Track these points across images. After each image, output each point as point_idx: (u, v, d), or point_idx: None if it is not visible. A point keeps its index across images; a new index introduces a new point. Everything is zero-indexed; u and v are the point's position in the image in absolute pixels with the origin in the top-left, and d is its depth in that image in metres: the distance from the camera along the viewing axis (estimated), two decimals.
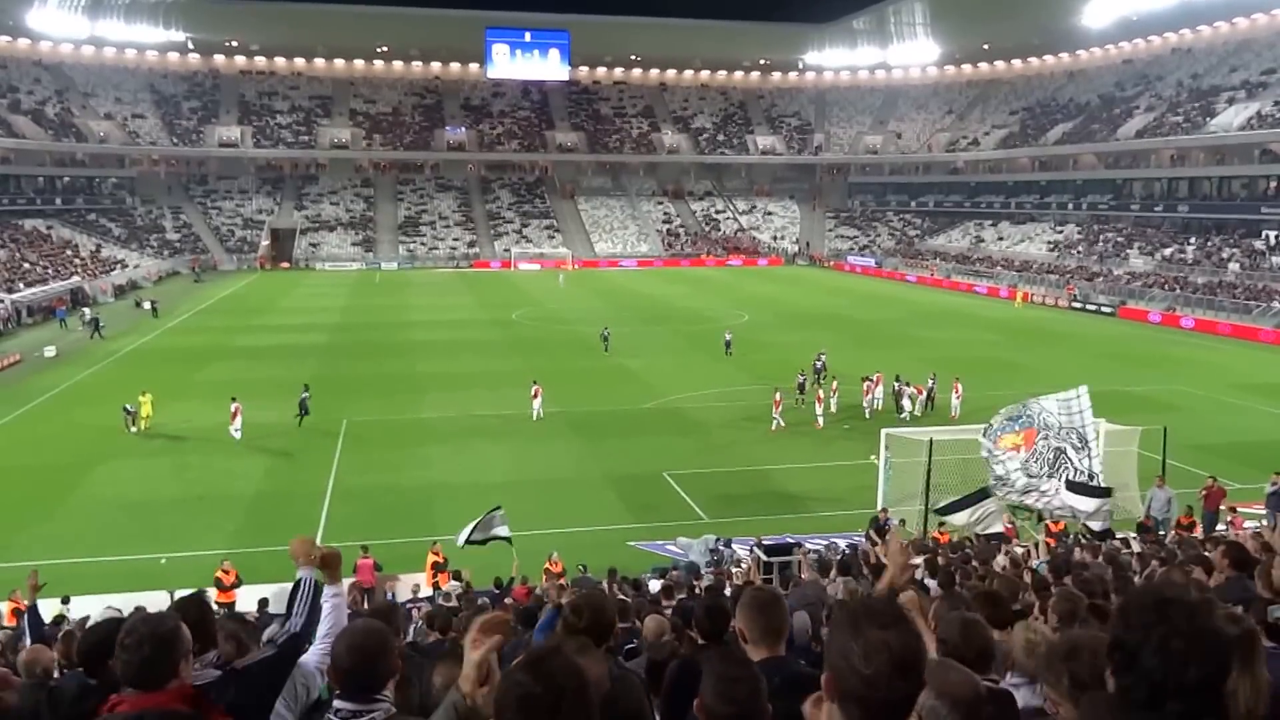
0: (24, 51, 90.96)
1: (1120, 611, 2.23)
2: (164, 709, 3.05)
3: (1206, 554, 10.55)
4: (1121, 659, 2.14)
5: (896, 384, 32.36)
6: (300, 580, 4.33)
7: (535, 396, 31.05)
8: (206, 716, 3.18)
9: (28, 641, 8.39)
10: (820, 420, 30.46)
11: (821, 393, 31.44)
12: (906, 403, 31.57)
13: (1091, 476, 17.52)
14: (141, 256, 79.52)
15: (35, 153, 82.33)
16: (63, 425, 30.44)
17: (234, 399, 28.93)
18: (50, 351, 42.38)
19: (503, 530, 17.61)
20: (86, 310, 53.71)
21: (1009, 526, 18.85)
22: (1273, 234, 62.59)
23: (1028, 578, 10.27)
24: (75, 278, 63.74)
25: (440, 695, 3.29)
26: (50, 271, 62.96)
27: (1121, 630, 2.17)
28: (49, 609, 15.47)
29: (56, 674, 6.88)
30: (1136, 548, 14.57)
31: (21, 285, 57.10)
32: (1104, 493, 17.34)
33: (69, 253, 70.03)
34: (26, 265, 62.10)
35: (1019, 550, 15.48)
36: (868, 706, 2.07)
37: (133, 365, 40.36)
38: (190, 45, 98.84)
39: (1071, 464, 17.65)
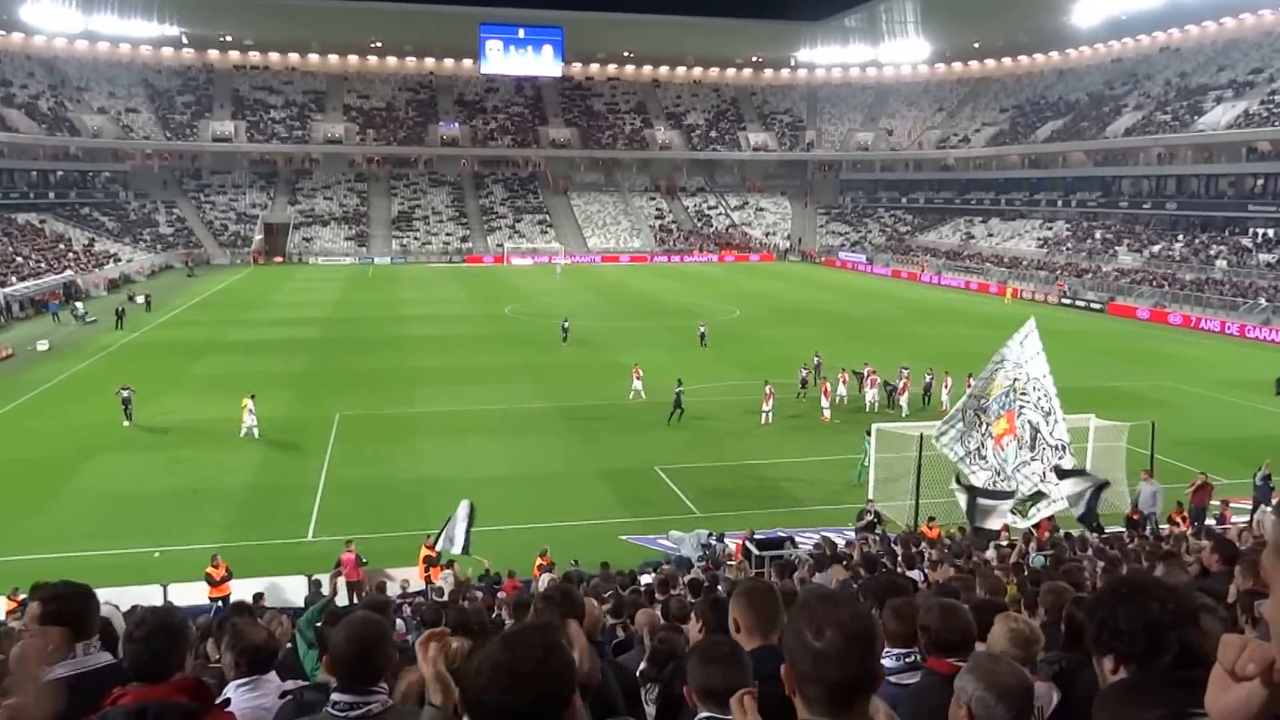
0: (17, 45, 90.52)
1: (1087, 609, 2.37)
2: (166, 701, 3.06)
3: (1193, 548, 10.76)
4: (1105, 634, 2.25)
5: (876, 376, 32.65)
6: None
7: (637, 378, 32.72)
8: (208, 709, 3.20)
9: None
10: (827, 413, 30.71)
11: (828, 386, 31.56)
12: (872, 393, 31.93)
13: (1063, 448, 17.08)
14: (134, 251, 79.26)
15: (29, 146, 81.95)
16: (55, 419, 30.42)
17: (251, 395, 28.68)
18: (43, 345, 42.25)
19: (463, 526, 16.90)
20: (79, 304, 53.55)
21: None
22: (1260, 231, 63.08)
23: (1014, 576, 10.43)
24: (68, 272, 63.49)
25: (404, 699, 3.26)
26: (43, 265, 62.72)
27: (1097, 610, 2.30)
28: None
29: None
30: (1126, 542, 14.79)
31: (14, 279, 56.89)
32: (1083, 474, 16.75)
33: (62, 247, 69.80)
34: (19, 259, 61.87)
35: (1004, 544, 15.67)
36: (824, 686, 2.10)
37: (126, 359, 40.27)
38: (184, 40, 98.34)
39: (1047, 442, 16.93)
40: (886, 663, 4.03)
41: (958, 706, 2.47)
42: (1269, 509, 18.55)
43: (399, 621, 11.12)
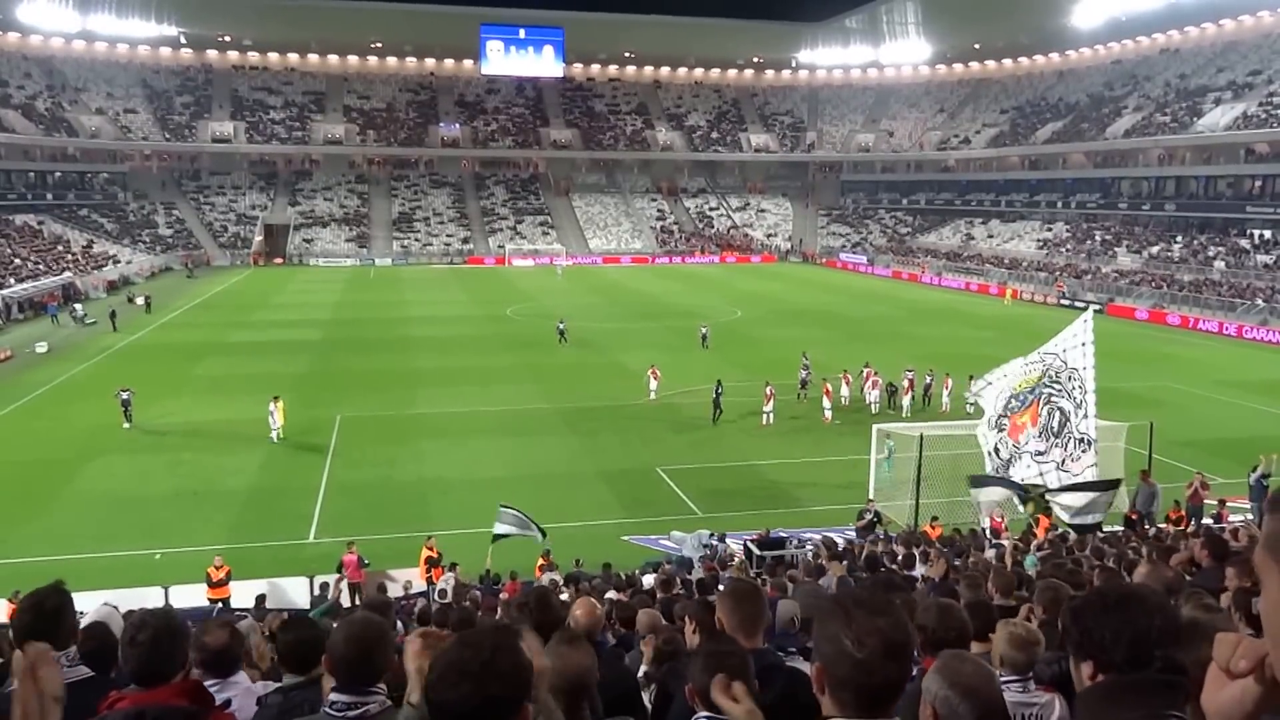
0: (14, 45, 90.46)
1: (1072, 614, 2.35)
2: (164, 704, 3.03)
3: (1187, 546, 10.79)
4: (1088, 641, 2.24)
5: (878, 378, 32.74)
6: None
7: (655, 378, 32.72)
8: (208, 711, 3.19)
9: None
10: (828, 414, 30.75)
11: (829, 387, 31.48)
12: (875, 394, 32.00)
13: (1089, 444, 16.85)
14: (134, 252, 79.27)
15: (26, 147, 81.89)
16: (56, 421, 30.45)
17: (275, 398, 28.55)
18: (42, 347, 42.28)
19: (534, 531, 17.57)
20: (78, 306, 53.59)
21: (998, 520, 19.04)
22: (1258, 232, 63.16)
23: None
24: (67, 273, 63.52)
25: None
26: (41, 267, 62.74)
27: (1082, 616, 2.30)
28: None
29: None
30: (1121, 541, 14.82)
31: (12, 280, 56.91)
32: (1104, 486, 16.60)
33: (60, 248, 69.79)
34: (18, 261, 61.86)
35: (1005, 544, 15.69)
36: (859, 692, 2.13)
37: (126, 361, 40.31)
38: (183, 40, 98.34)
39: (1073, 433, 16.86)
40: None
41: (924, 706, 2.49)
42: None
43: (399, 623, 11.17)
